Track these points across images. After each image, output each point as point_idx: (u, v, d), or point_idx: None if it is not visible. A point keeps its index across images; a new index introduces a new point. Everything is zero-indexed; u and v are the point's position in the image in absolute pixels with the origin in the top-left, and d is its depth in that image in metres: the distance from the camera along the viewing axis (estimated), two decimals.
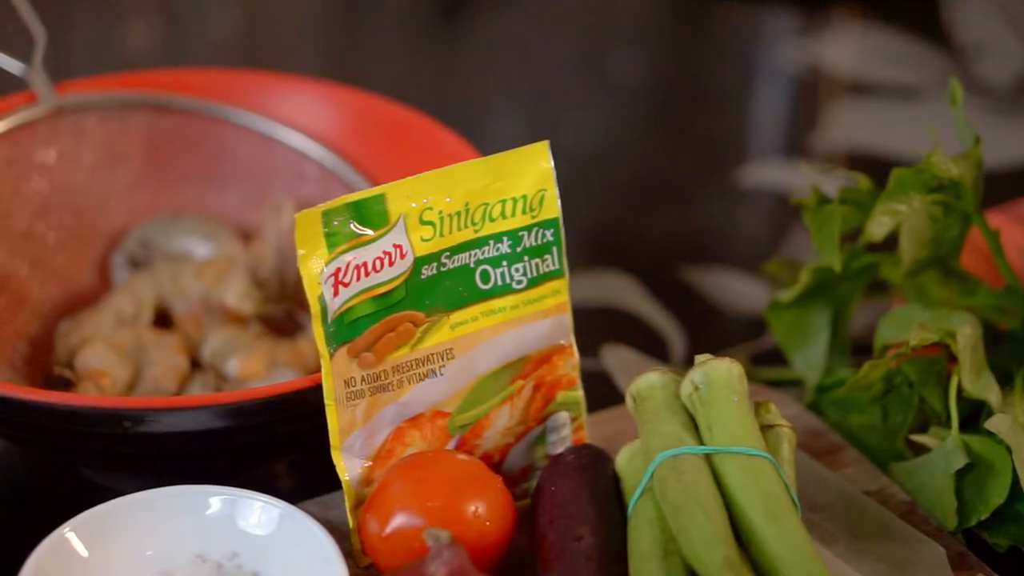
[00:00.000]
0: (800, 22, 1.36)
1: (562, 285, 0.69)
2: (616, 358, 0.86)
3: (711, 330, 0.93)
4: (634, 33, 1.40)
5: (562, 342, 0.70)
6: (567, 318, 0.70)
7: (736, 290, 0.95)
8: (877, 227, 0.76)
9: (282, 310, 0.85)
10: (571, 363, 0.70)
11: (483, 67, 1.32)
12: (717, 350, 0.68)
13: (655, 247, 0.70)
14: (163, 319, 0.83)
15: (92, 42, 1.31)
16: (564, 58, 1.32)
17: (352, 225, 0.64)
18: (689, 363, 0.68)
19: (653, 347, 0.89)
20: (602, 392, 0.80)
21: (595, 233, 0.72)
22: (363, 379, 0.65)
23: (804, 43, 1.29)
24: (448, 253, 0.66)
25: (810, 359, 0.82)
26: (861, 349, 0.82)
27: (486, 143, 0.68)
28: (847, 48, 1.31)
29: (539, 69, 1.29)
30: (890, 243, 0.78)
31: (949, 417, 0.72)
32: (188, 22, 1.37)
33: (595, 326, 0.90)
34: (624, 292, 0.94)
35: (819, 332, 0.81)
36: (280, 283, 0.84)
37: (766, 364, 0.86)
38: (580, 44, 1.36)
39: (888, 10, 1.33)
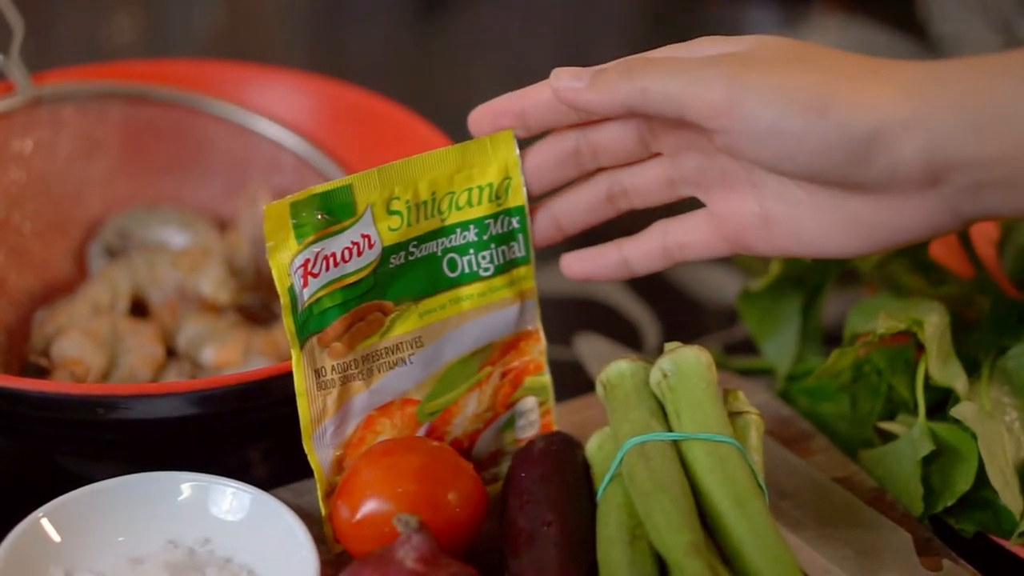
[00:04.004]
0: (781, 16, 1.36)
1: (528, 271, 0.70)
2: (589, 347, 0.86)
3: (685, 319, 0.93)
4: (615, 26, 1.40)
5: (529, 328, 0.71)
6: (534, 304, 0.70)
7: (709, 280, 0.96)
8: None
9: (257, 299, 0.85)
10: (538, 348, 0.71)
11: (465, 60, 1.32)
12: (690, 339, 0.69)
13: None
14: (139, 308, 0.84)
15: (74, 34, 1.31)
16: (545, 51, 1.33)
17: (320, 216, 0.64)
18: (661, 352, 0.68)
19: (627, 336, 0.89)
20: (575, 380, 0.81)
21: None
22: (333, 368, 0.66)
23: (785, 36, 1.29)
24: (416, 242, 0.67)
25: (780, 348, 0.82)
26: (832, 339, 0.83)
27: (466, 135, 0.69)
28: (827, 41, 1.31)
29: (520, 62, 1.30)
30: None
31: (916, 405, 0.72)
32: (170, 14, 1.38)
33: (569, 315, 0.91)
34: (598, 282, 0.94)
35: (789, 321, 0.82)
36: (255, 272, 0.85)
37: (738, 353, 0.87)
38: (561, 37, 1.37)
39: (867, 3, 1.34)
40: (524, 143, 0.68)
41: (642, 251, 0.69)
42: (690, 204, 0.69)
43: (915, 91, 0.59)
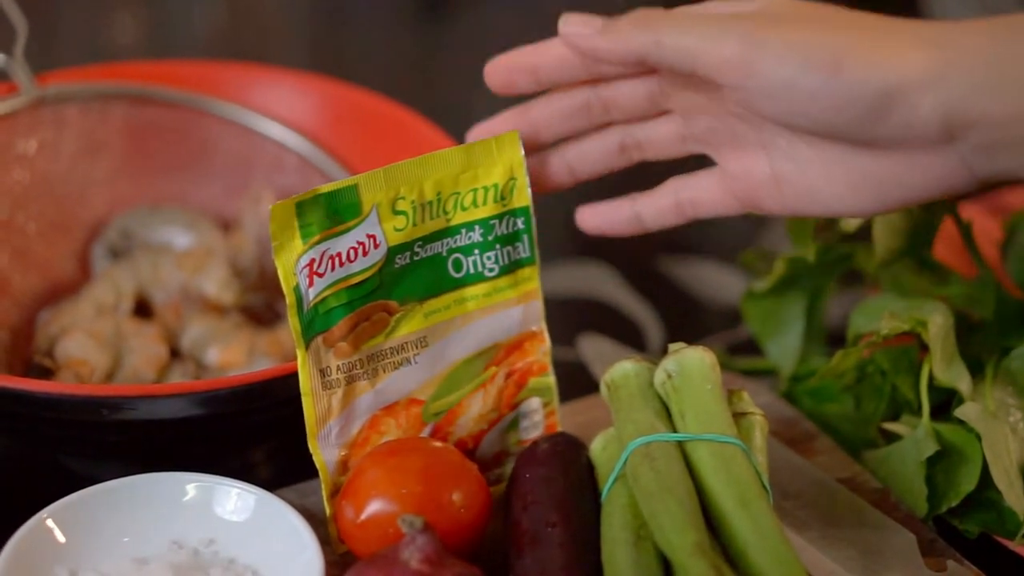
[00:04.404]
0: None
1: (533, 272, 0.70)
2: (593, 348, 0.86)
3: (688, 320, 0.93)
4: None
5: (534, 328, 0.71)
6: (539, 304, 0.70)
7: (713, 280, 0.96)
8: (850, 218, 0.76)
9: (261, 299, 0.85)
10: (543, 349, 0.71)
11: (467, 60, 1.32)
12: (694, 340, 0.69)
13: (633, 238, 0.71)
14: (143, 309, 0.84)
15: (77, 35, 1.31)
16: None
17: (326, 216, 0.65)
18: (665, 353, 0.68)
19: (630, 337, 0.89)
20: (579, 381, 0.81)
21: (574, 224, 0.73)
22: (338, 368, 0.66)
23: None
24: (421, 242, 0.67)
25: (784, 348, 0.82)
26: (836, 339, 0.83)
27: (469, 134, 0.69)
28: None
29: None
30: (864, 234, 0.78)
31: (920, 405, 0.72)
32: (172, 14, 1.38)
33: (573, 316, 0.91)
34: (602, 282, 0.94)
35: (793, 322, 0.82)
36: (260, 273, 0.85)
37: (742, 354, 0.87)
38: None
39: (867, 3, 1.33)
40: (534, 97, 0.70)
41: (656, 207, 0.69)
42: (703, 163, 0.69)
43: (933, 49, 0.59)
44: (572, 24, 0.65)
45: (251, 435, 0.75)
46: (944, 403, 0.73)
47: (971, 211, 0.85)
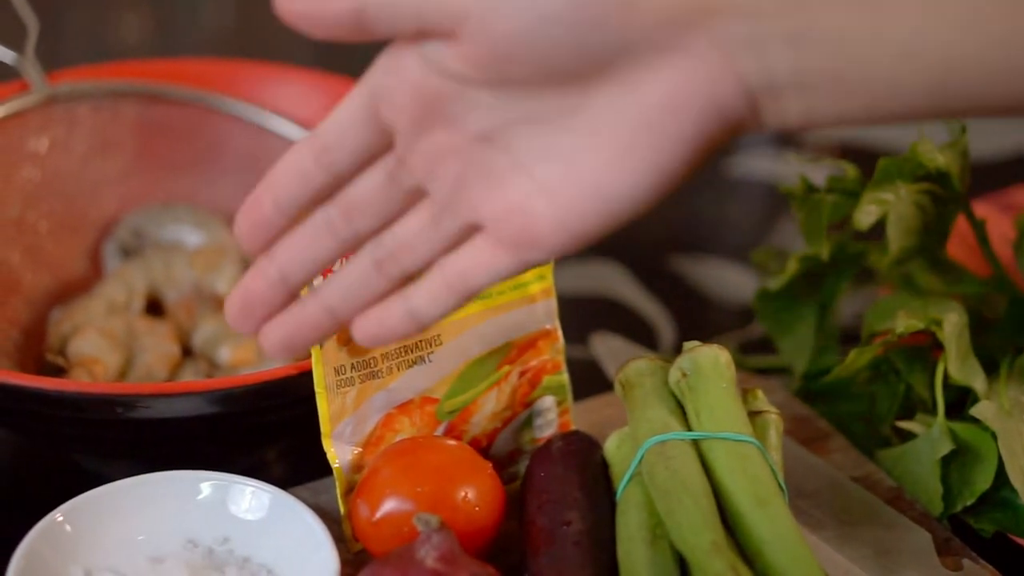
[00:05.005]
0: None
1: (547, 270, 0.69)
2: (605, 346, 0.86)
3: (700, 319, 0.93)
4: None
5: (547, 326, 0.70)
6: (552, 302, 0.70)
7: (725, 279, 0.95)
8: (864, 216, 0.76)
9: None
10: (556, 347, 0.71)
11: None
12: (706, 338, 0.68)
13: (644, 236, 0.71)
14: (155, 307, 0.84)
15: (85, 33, 1.31)
16: None
17: None
18: (678, 351, 0.68)
19: (642, 336, 0.89)
20: (591, 380, 0.80)
21: None
22: (353, 367, 0.66)
23: None
24: None
25: (797, 347, 0.82)
26: (848, 338, 0.83)
27: None
28: None
29: None
30: (877, 232, 0.78)
31: (935, 404, 0.72)
32: (180, 13, 1.37)
33: (585, 315, 0.91)
34: (613, 281, 0.94)
35: (806, 320, 0.82)
36: None
37: (754, 352, 0.86)
38: None
39: None
40: None
41: (428, 295, 0.58)
42: None
43: None
44: None
45: (265, 433, 0.75)
46: (959, 402, 0.73)
47: (984, 209, 0.85)
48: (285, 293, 0.59)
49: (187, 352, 0.81)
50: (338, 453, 0.67)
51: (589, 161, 0.54)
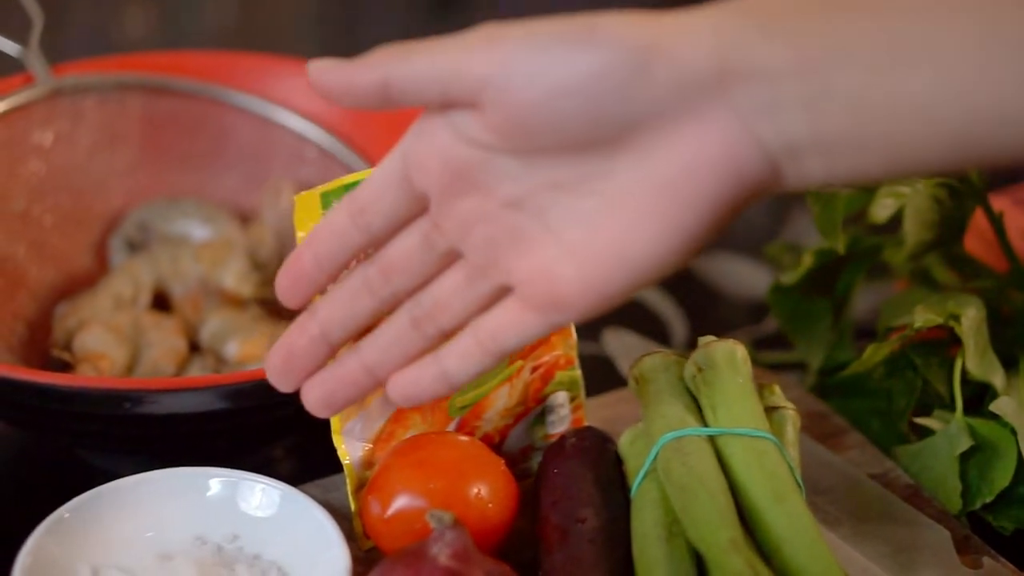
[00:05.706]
0: None
1: None
2: (618, 342, 0.85)
3: (713, 314, 0.92)
4: None
5: None
6: None
7: (738, 274, 0.95)
8: (880, 209, 0.76)
9: None
10: (569, 343, 0.70)
11: None
12: (719, 334, 0.68)
13: None
14: (161, 302, 0.83)
15: (90, 26, 1.30)
16: None
17: None
18: (690, 347, 0.68)
19: (654, 331, 0.88)
20: (604, 376, 0.80)
21: None
22: None
23: None
24: None
25: (813, 342, 0.81)
26: (863, 332, 0.82)
27: None
28: None
29: None
30: (893, 225, 0.77)
31: (953, 400, 0.71)
32: (185, 5, 1.37)
33: None
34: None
35: (822, 315, 0.81)
36: (279, 265, 0.83)
37: (768, 348, 0.86)
38: None
39: None
40: None
41: (459, 355, 0.59)
42: None
43: (694, 12, 0.53)
44: (315, 65, 0.57)
45: (273, 429, 0.74)
46: (977, 397, 0.72)
47: (1002, 203, 0.84)
48: (326, 349, 0.60)
49: (194, 347, 0.81)
50: (348, 449, 0.66)
51: (613, 226, 0.55)
